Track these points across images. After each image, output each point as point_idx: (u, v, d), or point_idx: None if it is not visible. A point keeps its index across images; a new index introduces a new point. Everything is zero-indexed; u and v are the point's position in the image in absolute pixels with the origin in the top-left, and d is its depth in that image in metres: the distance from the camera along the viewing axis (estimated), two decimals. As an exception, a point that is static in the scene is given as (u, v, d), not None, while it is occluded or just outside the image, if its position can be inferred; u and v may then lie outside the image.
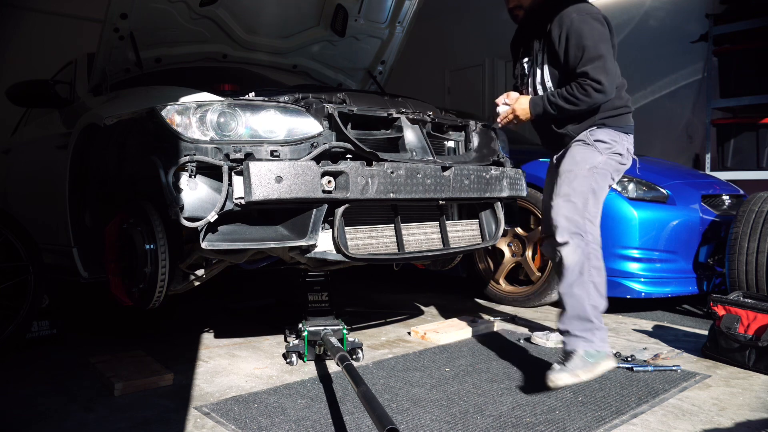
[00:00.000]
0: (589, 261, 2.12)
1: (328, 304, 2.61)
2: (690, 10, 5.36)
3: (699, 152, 5.37)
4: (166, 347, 2.70)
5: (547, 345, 2.67)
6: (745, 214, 3.12)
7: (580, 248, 2.12)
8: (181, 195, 1.94)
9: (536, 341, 2.72)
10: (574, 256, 2.12)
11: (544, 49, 2.30)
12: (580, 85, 2.16)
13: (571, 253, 2.12)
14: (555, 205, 2.20)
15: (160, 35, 2.98)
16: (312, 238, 2.09)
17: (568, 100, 2.20)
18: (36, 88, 3.09)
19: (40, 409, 1.99)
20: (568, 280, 2.12)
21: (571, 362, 2.03)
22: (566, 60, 2.21)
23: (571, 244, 2.12)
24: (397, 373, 2.36)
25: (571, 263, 2.12)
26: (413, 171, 2.24)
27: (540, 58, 2.32)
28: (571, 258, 2.12)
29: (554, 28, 2.23)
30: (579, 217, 2.16)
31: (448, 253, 2.59)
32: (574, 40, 2.16)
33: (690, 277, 3.41)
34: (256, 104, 2.13)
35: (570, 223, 2.15)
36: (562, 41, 2.20)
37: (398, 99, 2.70)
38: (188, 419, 1.90)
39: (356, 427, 1.83)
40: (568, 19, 2.18)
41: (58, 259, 3.03)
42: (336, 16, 3.29)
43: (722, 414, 1.96)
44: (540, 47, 2.32)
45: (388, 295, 4.10)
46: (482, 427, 1.84)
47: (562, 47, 2.20)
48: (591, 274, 2.11)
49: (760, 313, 2.42)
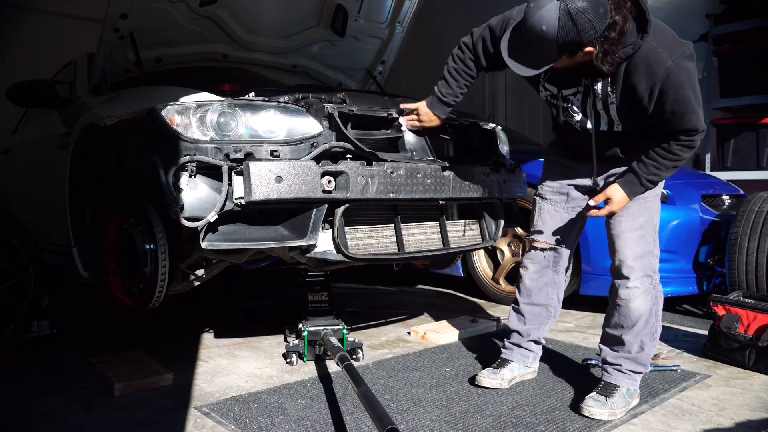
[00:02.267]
0: (657, 306, 2.00)
1: (328, 304, 2.61)
2: (690, 10, 5.35)
3: (699, 152, 5.36)
4: (166, 347, 2.70)
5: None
6: (745, 214, 3.12)
7: (650, 294, 1.97)
8: (181, 195, 1.94)
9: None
10: (645, 304, 1.96)
11: (615, 92, 1.80)
12: (685, 144, 1.78)
13: (642, 301, 1.96)
14: (627, 237, 1.96)
15: (160, 35, 2.98)
16: (312, 238, 2.09)
17: (675, 164, 1.82)
18: (36, 88, 3.09)
19: (40, 409, 1.99)
20: (637, 328, 1.97)
21: (612, 398, 1.94)
22: (659, 114, 1.76)
23: (642, 288, 1.96)
24: (397, 373, 2.36)
25: (642, 312, 1.96)
26: (413, 171, 2.24)
27: (606, 101, 1.83)
28: (643, 307, 1.96)
29: (639, 77, 1.73)
30: (651, 256, 1.98)
31: (448, 253, 2.59)
32: (672, 95, 1.70)
33: (690, 277, 3.40)
34: (256, 104, 2.13)
35: (645, 265, 1.96)
36: (654, 95, 1.72)
37: (398, 99, 2.69)
38: (188, 419, 1.90)
39: (356, 427, 1.83)
40: (662, 69, 1.69)
41: (58, 259, 3.03)
42: (336, 16, 3.29)
43: (722, 414, 1.96)
44: (610, 89, 1.81)
45: (388, 295, 4.10)
46: (482, 427, 1.84)
47: (654, 101, 1.73)
48: (657, 322, 2.01)
49: (760, 313, 2.42)
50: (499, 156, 2.72)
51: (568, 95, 1.92)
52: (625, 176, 1.89)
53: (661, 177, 1.86)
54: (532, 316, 2.23)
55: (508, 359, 2.26)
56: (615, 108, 1.83)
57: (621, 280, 1.99)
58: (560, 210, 2.14)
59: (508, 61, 1.77)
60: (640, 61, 1.72)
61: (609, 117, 1.87)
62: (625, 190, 1.88)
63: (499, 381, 2.17)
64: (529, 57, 1.72)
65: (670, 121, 1.76)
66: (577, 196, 2.12)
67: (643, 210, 1.96)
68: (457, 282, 4.26)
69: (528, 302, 2.23)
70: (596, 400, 1.95)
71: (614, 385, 1.99)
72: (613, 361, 2.03)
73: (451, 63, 2.16)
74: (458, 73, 2.15)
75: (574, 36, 1.61)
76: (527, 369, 2.27)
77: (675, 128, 1.77)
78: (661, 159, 1.82)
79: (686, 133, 1.77)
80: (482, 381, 2.18)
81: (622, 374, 2.01)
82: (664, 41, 1.72)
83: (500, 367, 2.23)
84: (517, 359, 2.25)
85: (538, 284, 2.20)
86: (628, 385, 2.00)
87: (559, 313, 2.28)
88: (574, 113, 1.94)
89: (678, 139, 1.78)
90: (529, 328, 2.24)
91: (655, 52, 1.70)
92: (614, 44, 1.66)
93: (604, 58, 1.68)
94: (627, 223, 1.96)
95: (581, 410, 1.93)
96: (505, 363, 2.25)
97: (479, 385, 2.17)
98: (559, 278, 2.22)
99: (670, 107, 1.73)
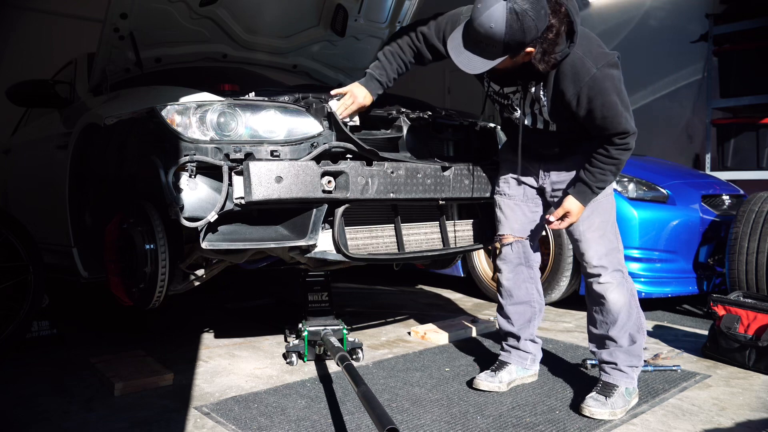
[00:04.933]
0: (633, 297, 2.04)
1: (328, 304, 2.61)
2: (690, 10, 5.35)
3: (699, 152, 5.37)
4: (166, 347, 2.70)
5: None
6: (745, 214, 3.12)
7: (624, 286, 2.02)
8: (181, 195, 1.94)
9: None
10: (622, 296, 2.01)
11: (546, 95, 1.91)
12: (621, 147, 1.87)
13: (618, 293, 2.00)
14: (587, 239, 2.03)
15: (160, 35, 2.97)
16: (312, 238, 2.09)
17: (618, 167, 1.92)
18: (36, 88, 3.08)
19: (40, 409, 1.99)
20: (621, 322, 2.01)
21: (612, 398, 1.95)
22: (590, 119, 1.86)
23: (615, 282, 2.01)
24: (397, 373, 2.36)
25: (622, 305, 2.01)
26: (413, 171, 2.24)
27: (540, 102, 1.94)
28: (621, 299, 2.01)
29: (567, 83, 1.83)
30: (617, 251, 2.04)
31: (448, 253, 2.59)
32: (599, 100, 1.80)
33: (690, 277, 3.40)
34: (256, 104, 2.13)
35: (612, 261, 2.02)
36: (582, 102, 1.83)
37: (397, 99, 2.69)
38: (188, 419, 1.90)
39: (356, 427, 1.83)
40: (587, 75, 1.79)
41: (58, 259, 3.03)
42: (336, 16, 3.28)
43: (722, 414, 1.96)
44: (542, 92, 1.91)
45: (388, 295, 4.10)
46: (482, 427, 1.84)
47: (583, 107, 1.84)
48: (640, 313, 2.05)
49: (760, 313, 2.42)
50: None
51: (508, 93, 2.01)
52: (576, 187, 1.98)
53: (608, 181, 1.97)
54: (517, 316, 2.24)
55: (506, 362, 2.26)
56: (547, 110, 1.94)
57: (592, 279, 2.05)
58: (519, 203, 2.19)
59: (454, 59, 1.82)
60: (567, 69, 1.82)
61: (543, 117, 1.97)
62: (579, 199, 1.97)
63: (497, 384, 2.16)
64: (476, 56, 1.78)
65: (601, 127, 1.86)
66: (531, 191, 2.19)
67: (597, 211, 2.02)
68: (457, 282, 4.26)
69: (511, 303, 2.24)
70: (596, 400, 1.95)
71: (613, 385, 2.00)
72: (609, 360, 2.05)
73: (387, 47, 2.19)
74: (393, 56, 2.17)
75: (519, 35, 1.69)
76: (526, 372, 2.26)
77: (608, 132, 1.86)
78: (604, 165, 1.92)
79: (619, 136, 1.86)
80: (480, 384, 2.17)
81: (620, 372, 2.02)
82: (590, 50, 1.82)
83: (498, 370, 2.22)
84: (515, 361, 2.25)
85: (516, 282, 2.22)
86: (627, 383, 2.01)
87: (543, 307, 2.30)
88: (514, 110, 2.03)
89: (613, 143, 1.88)
90: (518, 327, 2.24)
91: (581, 60, 1.80)
92: (552, 45, 1.76)
93: (542, 58, 1.78)
94: (584, 226, 2.03)
95: (581, 410, 1.94)
96: (503, 366, 2.24)
97: (477, 389, 2.16)
98: (534, 273, 2.25)
99: (600, 112, 1.82)
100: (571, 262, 3.33)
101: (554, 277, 3.38)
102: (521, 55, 1.77)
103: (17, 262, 2.54)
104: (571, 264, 3.33)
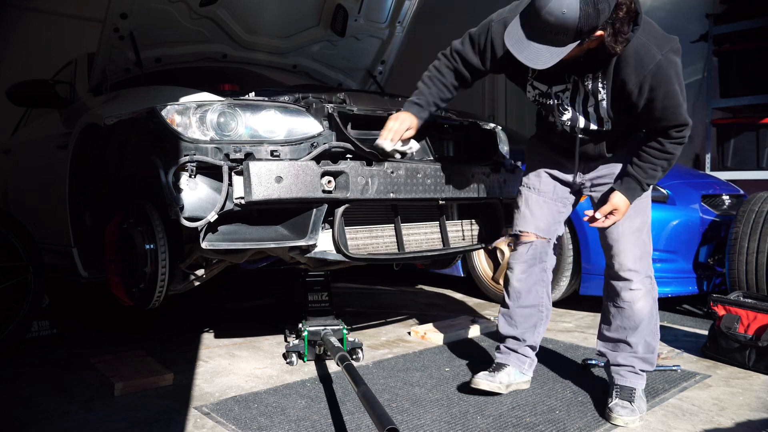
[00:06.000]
0: (655, 304, 1.98)
1: (328, 304, 2.61)
2: (690, 10, 5.35)
3: (699, 152, 5.36)
4: (166, 347, 2.70)
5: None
6: (745, 214, 3.12)
7: (651, 294, 1.95)
8: (181, 195, 1.94)
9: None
10: (648, 304, 1.95)
11: (606, 87, 1.77)
12: (677, 140, 1.77)
13: (645, 302, 1.95)
14: (626, 241, 1.93)
15: (160, 35, 2.98)
16: (312, 238, 2.09)
17: (670, 163, 1.82)
18: (36, 88, 3.09)
19: (40, 409, 1.99)
20: (641, 329, 1.96)
21: (635, 402, 1.91)
22: (649, 110, 1.74)
23: (644, 290, 1.94)
24: (397, 373, 2.36)
25: (646, 313, 1.95)
26: (413, 171, 2.24)
27: (597, 96, 1.80)
28: (646, 308, 1.95)
29: (629, 71, 1.70)
30: (648, 256, 1.96)
31: (448, 253, 2.59)
32: (662, 89, 1.68)
33: (690, 277, 3.40)
34: (256, 104, 2.13)
35: (644, 265, 1.95)
36: (644, 91, 1.70)
37: (398, 99, 2.69)
38: (188, 419, 1.90)
39: (356, 427, 1.83)
40: (652, 63, 1.66)
41: (58, 259, 3.03)
42: (336, 16, 3.29)
43: (722, 414, 1.96)
44: (600, 84, 1.77)
45: (388, 295, 4.10)
46: (482, 427, 1.84)
47: (644, 97, 1.71)
48: (657, 319, 2.00)
49: (760, 313, 2.42)
50: (499, 156, 2.73)
51: (557, 92, 1.87)
52: (624, 183, 1.87)
53: (658, 177, 1.86)
54: (523, 319, 2.12)
55: (504, 363, 2.14)
56: (605, 104, 1.80)
57: (622, 283, 1.96)
58: (548, 201, 2.07)
59: (518, 55, 1.66)
60: (630, 55, 1.68)
61: (598, 115, 1.84)
62: (628, 196, 1.86)
63: (497, 384, 2.05)
64: (543, 46, 1.61)
65: (660, 118, 1.74)
66: (563, 190, 2.08)
67: (639, 211, 1.94)
68: (457, 282, 4.26)
69: (518, 305, 2.12)
70: (624, 407, 1.89)
71: (631, 388, 1.96)
72: (624, 363, 2.00)
73: (426, 73, 2.07)
74: (431, 80, 2.06)
75: (593, 18, 1.54)
76: (523, 377, 2.15)
77: (665, 124, 1.75)
78: (656, 160, 1.81)
79: (676, 128, 1.75)
80: (480, 383, 2.05)
81: (636, 375, 1.99)
82: (653, 35, 1.69)
83: (497, 371, 2.11)
84: (513, 364, 2.13)
85: (527, 284, 2.10)
86: (641, 384, 1.99)
87: (550, 313, 2.20)
88: (565, 110, 1.89)
89: (669, 136, 1.77)
90: (522, 331, 2.13)
91: (645, 46, 1.67)
92: (623, 24, 1.61)
93: (615, 39, 1.62)
94: (625, 225, 1.93)
95: (613, 420, 1.87)
96: (501, 367, 2.12)
97: (477, 388, 2.05)
98: (547, 276, 2.13)
99: (661, 103, 1.70)
100: (571, 262, 3.33)
101: (554, 277, 3.37)
102: (589, 42, 1.62)
103: (17, 262, 2.54)
104: (571, 264, 3.33)
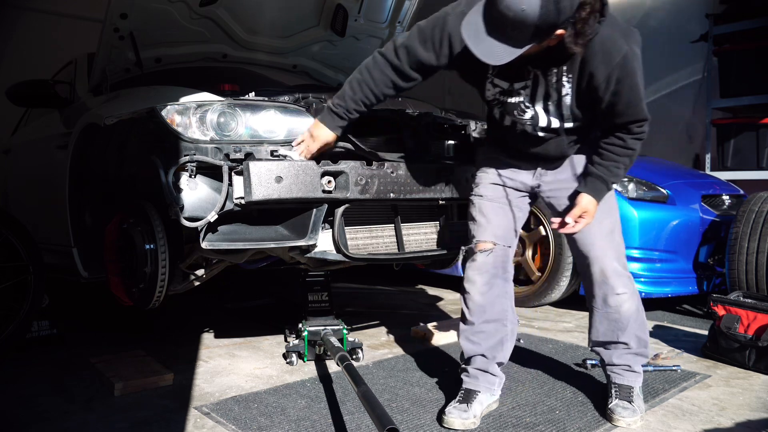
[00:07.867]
0: (639, 299, 1.96)
1: (328, 304, 2.61)
2: (690, 10, 5.36)
3: (699, 152, 5.37)
4: (166, 347, 2.70)
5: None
6: (745, 214, 3.12)
7: (635, 294, 1.93)
8: (181, 195, 1.94)
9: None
10: (632, 304, 1.92)
11: (571, 81, 1.68)
12: (638, 136, 1.73)
13: (631, 303, 1.92)
14: (600, 246, 1.88)
15: (160, 35, 2.98)
16: (312, 238, 2.09)
17: (632, 159, 1.78)
18: (36, 88, 3.08)
19: (40, 409, 1.99)
20: (630, 328, 1.93)
21: (635, 401, 1.90)
22: (612, 104, 1.67)
23: (629, 292, 1.91)
24: (397, 373, 2.36)
25: (632, 312, 1.92)
26: (413, 171, 2.24)
27: (560, 91, 1.70)
28: (633, 308, 1.92)
29: (597, 63, 1.61)
30: (623, 255, 1.93)
31: (448, 253, 2.59)
32: (628, 82, 1.63)
33: (690, 277, 3.41)
34: (256, 104, 2.13)
35: (622, 267, 1.92)
36: (611, 85, 1.63)
37: (398, 99, 2.70)
38: (188, 419, 1.90)
39: (356, 427, 1.83)
40: (619, 55, 1.60)
41: (58, 259, 3.03)
42: (336, 16, 3.29)
43: (722, 414, 1.96)
44: (565, 78, 1.68)
45: (388, 295, 4.10)
46: (482, 427, 1.84)
47: (610, 91, 1.64)
48: (643, 311, 1.98)
49: (760, 313, 2.42)
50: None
51: (518, 89, 1.75)
52: (589, 184, 1.82)
53: (621, 175, 1.82)
54: (487, 336, 1.93)
55: (474, 390, 1.94)
56: (569, 99, 1.71)
57: (606, 288, 1.90)
58: (503, 206, 1.95)
59: (473, 48, 1.56)
60: (597, 47, 1.60)
61: (560, 112, 1.74)
62: (596, 197, 1.81)
63: (471, 420, 1.84)
64: (500, 43, 1.52)
65: (623, 113, 1.69)
66: (516, 194, 1.97)
67: (605, 212, 1.88)
68: (457, 282, 4.25)
69: (482, 320, 1.93)
70: (625, 408, 1.88)
71: (629, 387, 1.96)
72: (620, 362, 1.99)
73: (356, 75, 1.90)
74: (359, 84, 1.88)
75: (553, 17, 1.46)
76: (493, 398, 1.98)
77: (627, 119, 1.70)
78: (618, 157, 1.77)
79: (638, 123, 1.71)
80: (453, 423, 1.83)
81: (633, 373, 1.98)
82: (618, 27, 1.63)
83: (468, 401, 1.90)
84: (483, 388, 1.94)
85: (490, 297, 1.92)
86: (639, 382, 1.99)
87: (516, 330, 2.01)
88: (526, 109, 1.77)
89: (630, 131, 1.72)
90: (487, 348, 1.94)
91: (611, 38, 1.60)
92: (585, 24, 1.53)
93: (576, 40, 1.55)
94: (596, 229, 1.88)
95: (615, 421, 1.86)
96: (471, 395, 1.92)
97: (450, 428, 1.82)
98: (510, 288, 1.98)
99: (626, 97, 1.65)
100: (571, 262, 3.33)
101: (554, 277, 3.38)
102: (548, 40, 1.54)
103: (17, 262, 2.54)
104: (571, 264, 3.33)
